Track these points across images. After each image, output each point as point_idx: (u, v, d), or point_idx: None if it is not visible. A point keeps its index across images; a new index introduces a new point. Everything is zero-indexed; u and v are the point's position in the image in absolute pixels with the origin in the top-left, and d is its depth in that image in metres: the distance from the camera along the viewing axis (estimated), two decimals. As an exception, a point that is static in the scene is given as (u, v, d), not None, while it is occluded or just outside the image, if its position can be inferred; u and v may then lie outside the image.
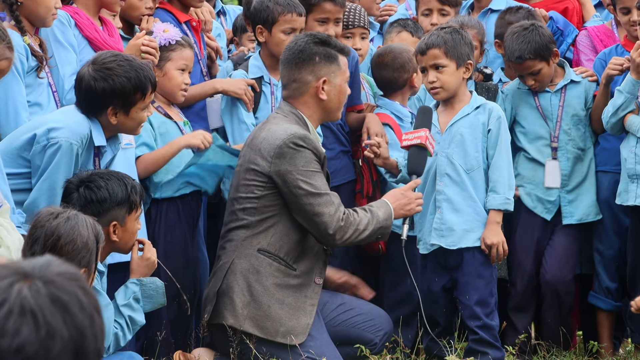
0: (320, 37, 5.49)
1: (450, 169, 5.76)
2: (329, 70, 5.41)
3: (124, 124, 4.90)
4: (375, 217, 5.37)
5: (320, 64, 5.40)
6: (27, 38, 5.14)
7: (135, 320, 4.87)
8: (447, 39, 5.73)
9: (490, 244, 5.66)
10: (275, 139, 5.26)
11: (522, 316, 6.30)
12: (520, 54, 6.17)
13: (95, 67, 4.85)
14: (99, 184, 4.69)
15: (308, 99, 5.43)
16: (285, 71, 5.48)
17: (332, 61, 5.42)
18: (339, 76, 5.44)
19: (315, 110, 5.45)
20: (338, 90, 5.44)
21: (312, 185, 5.25)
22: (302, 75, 5.41)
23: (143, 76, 4.83)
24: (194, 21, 6.04)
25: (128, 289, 4.88)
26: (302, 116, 5.43)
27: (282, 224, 5.34)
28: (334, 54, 5.43)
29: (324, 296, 5.56)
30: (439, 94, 5.78)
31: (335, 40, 5.54)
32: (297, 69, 5.42)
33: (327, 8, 6.17)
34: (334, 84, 5.42)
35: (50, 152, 4.69)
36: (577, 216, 6.31)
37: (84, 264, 4.03)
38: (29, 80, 5.16)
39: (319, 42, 5.44)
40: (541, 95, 6.36)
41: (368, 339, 5.54)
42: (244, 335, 5.24)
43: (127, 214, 4.74)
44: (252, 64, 6.15)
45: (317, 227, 5.28)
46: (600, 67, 6.40)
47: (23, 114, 5.06)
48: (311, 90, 5.41)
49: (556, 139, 6.30)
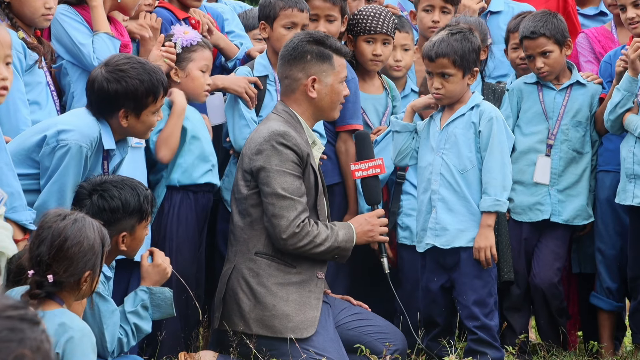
0: (316, 36, 5.52)
1: (445, 169, 5.74)
2: (319, 69, 5.44)
3: (134, 127, 4.87)
4: (334, 235, 5.41)
5: (311, 63, 5.44)
6: (21, 33, 5.12)
7: (141, 328, 4.85)
8: (457, 48, 5.69)
9: (477, 247, 5.65)
10: (259, 137, 5.34)
11: (517, 316, 6.28)
12: (536, 29, 6.19)
13: (108, 69, 4.83)
14: (112, 193, 4.68)
15: (299, 96, 5.47)
16: (279, 67, 5.55)
17: (325, 60, 5.44)
18: (331, 75, 5.45)
19: (307, 108, 5.48)
20: (330, 90, 5.46)
21: (280, 185, 5.29)
22: (293, 73, 5.46)
23: (156, 79, 4.82)
24: (192, 19, 6.02)
25: (137, 296, 4.86)
26: (295, 114, 5.46)
27: None
28: (328, 54, 5.45)
29: (342, 303, 5.63)
30: (442, 101, 5.78)
31: (332, 40, 5.54)
32: (288, 66, 5.48)
33: (316, 4, 6.17)
34: (324, 82, 5.45)
35: (59, 154, 4.67)
36: (565, 216, 6.29)
37: (89, 267, 4.01)
38: (28, 78, 5.13)
39: (313, 41, 5.47)
40: (546, 92, 6.34)
41: (378, 349, 5.53)
42: (244, 336, 5.26)
43: (137, 223, 4.75)
44: (258, 62, 6.14)
45: (272, 228, 5.32)
46: (605, 69, 6.40)
47: (23, 110, 5.03)
48: (301, 87, 5.46)
49: (553, 137, 6.29)
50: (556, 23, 6.24)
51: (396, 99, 6.49)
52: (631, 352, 6.26)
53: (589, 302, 6.42)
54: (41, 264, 3.95)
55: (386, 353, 5.49)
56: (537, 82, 6.35)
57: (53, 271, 3.94)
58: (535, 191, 6.29)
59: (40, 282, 3.94)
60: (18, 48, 5.04)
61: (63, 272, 3.95)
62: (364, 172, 5.64)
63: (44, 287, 3.94)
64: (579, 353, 6.32)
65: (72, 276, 3.97)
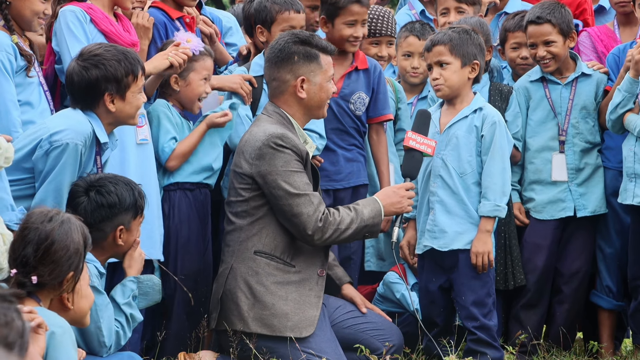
0: (301, 36, 5.53)
1: (444, 171, 5.73)
2: (308, 69, 5.46)
3: (123, 110, 4.93)
4: (359, 215, 5.38)
5: (298, 63, 5.45)
6: (15, 37, 5.15)
7: (135, 317, 4.88)
8: (453, 37, 5.71)
9: (475, 252, 5.64)
10: (256, 141, 5.33)
11: (532, 313, 6.26)
12: (542, 14, 6.18)
13: (82, 58, 4.91)
14: (109, 188, 4.76)
15: (288, 97, 5.49)
16: (266, 69, 5.56)
17: (312, 60, 5.46)
18: (319, 75, 5.47)
19: (298, 109, 5.49)
20: (318, 89, 5.48)
21: (291, 185, 5.29)
22: (281, 74, 5.47)
23: (132, 58, 4.92)
24: (187, 18, 6.01)
25: (126, 287, 4.89)
26: (287, 115, 5.48)
27: (273, 224, 5.38)
28: (314, 53, 5.47)
29: (337, 301, 5.64)
30: (441, 91, 5.75)
31: (317, 39, 5.55)
32: (276, 67, 5.48)
33: (355, 10, 6.16)
34: (313, 82, 5.47)
35: (54, 155, 4.72)
36: (591, 208, 6.29)
37: (73, 268, 4.02)
38: (19, 79, 5.15)
39: (299, 41, 5.48)
40: (552, 87, 6.31)
41: (375, 346, 5.53)
42: (244, 335, 5.26)
43: (132, 219, 4.82)
44: (255, 62, 6.17)
45: (296, 228, 5.33)
46: (613, 62, 6.37)
47: (14, 112, 5.06)
48: (290, 89, 5.47)
49: (564, 133, 6.27)
50: (563, 12, 6.22)
51: (401, 101, 6.53)
52: (631, 352, 6.23)
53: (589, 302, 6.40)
54: (26, 266, 3.95)
55: (386, 353, 5.48)
56: (541, 79, 6.32)
57: (38, 273, 3.94)
58: (554, 189, 6.29)
59: (22, 282, 3.94)
60: (9, 50, 5.07)
61: (48, 274, 3.96)
62: (416, 144, 5.58)
63: (26, 287, 3.94)
64: (579, 353, 6.30)
65: (56, 278, 3.98)
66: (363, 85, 6.20)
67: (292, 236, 5.38)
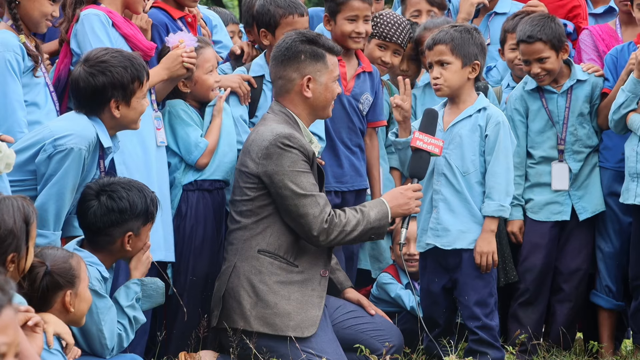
0: (308, 35, 5.53)
1: (447, 170, 5.74)
2: (314, 68, 5.46)
3: (127, 116, 4.93)
4: (365, 217, 5.39)
5: (305, 62, 5.45)
6: (22, 37, 5.16)
7: (139, 319, 4.88)
8: (455, 37, 5.72)
9: (480, 252, 5.65)
10: (263, 140, 5.32)
11: (530, 311, 6.26)
12: (532, 33, 6.16)
13: (89, 64, 4.90)
14: (120, 194, 4.75)
15: (294, 96, 5.48)
16: (272, 68, 5.56)
17: (318, 59, 5.46)
18: (325, 74, 5.47)
19: (304, 108, 5.50)
20: (324, 88, 5.48)
21: (297, 185, 5.29)
22: (287, 73, 5.47)
23: (138, 64, 4.92)
24: (189, 17, 6.01)
25: (130, 289, 4.88)
26: (292, 114, 5.48)
27: (278, 224, 5.38)
28: (321, 53, 5.47)
29: (337, 301, 5.65)
30: (441, 90, 5.76)
31: (324, 38, 5.56)
32: (282, 66, 5.48)
33: (356, 6, 6.18)
34: (319, 82, 5.47)
35: (58, 159, 4.71)
36: (592, 209, 6.31)
37: (12, 250, 3.94)
38: (26, 80, 5.16)
39: (306, 41, 5.48)
40: (548, 97, 6.32)
41: (375, 347, 5.54)
42: (244, 334, 5.26)
43: (142, 225, 4.80)
44: (255, 62, 6.18)
45: (301, 228, 5.33)
46: (610, 62, 6.38)
47: (20, 112, 5.07)
48: (296, 88, 5.47)
49: (563, 142, 6.27)
50: (554, 27, 6.19)
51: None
52: (631, 352, 6.26)
53: (589, 302, 6.42)
54: None
55: (386, 353, 5.50)
56: (537, 88, 6.32)
57: None
58: (553, 192, 6.29)
59: None
60: (17, 50, 5.08)
61: None
62: (423, 144, 5.58)
63: None
64: (579, 353, 6.31)
65: None
66: (369, 87, 6.24)
67: (296, 236, 5.39)
